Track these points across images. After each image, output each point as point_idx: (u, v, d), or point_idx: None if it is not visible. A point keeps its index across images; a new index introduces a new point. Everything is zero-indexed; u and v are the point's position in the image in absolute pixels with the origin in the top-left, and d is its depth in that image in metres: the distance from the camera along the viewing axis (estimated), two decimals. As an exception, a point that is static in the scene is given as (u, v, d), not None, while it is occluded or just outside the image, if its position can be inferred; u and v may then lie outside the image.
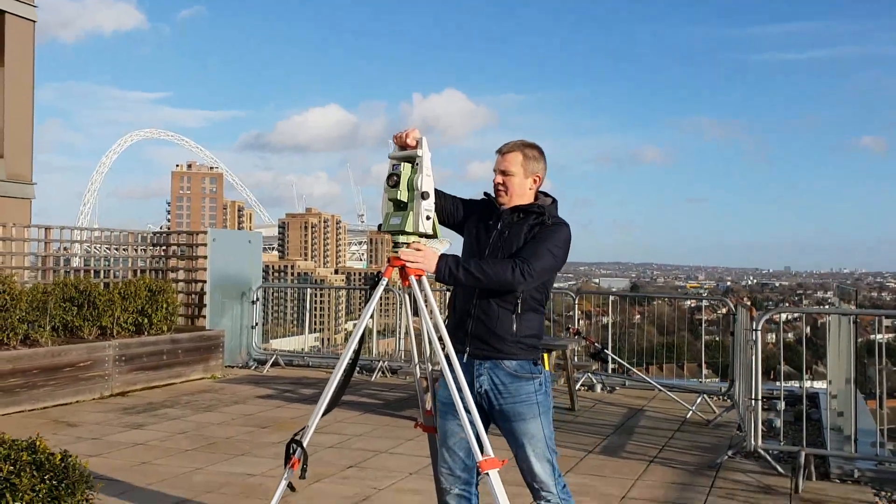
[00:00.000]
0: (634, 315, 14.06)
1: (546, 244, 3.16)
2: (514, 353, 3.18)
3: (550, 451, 3.21)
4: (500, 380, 3.18)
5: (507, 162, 3.26)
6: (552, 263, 3.17)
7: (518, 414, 3.17)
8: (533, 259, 3.10)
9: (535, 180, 3.31)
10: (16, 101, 13.39)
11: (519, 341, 3.18)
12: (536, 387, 3.19)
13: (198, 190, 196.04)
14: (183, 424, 7.12)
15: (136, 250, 11.03)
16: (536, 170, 3.30)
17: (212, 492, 5.06)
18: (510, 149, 3.28)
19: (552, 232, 3.20)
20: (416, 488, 5.19)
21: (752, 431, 5.96)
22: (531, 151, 3.29)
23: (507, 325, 3.17)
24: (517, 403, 3.17)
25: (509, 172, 3.26)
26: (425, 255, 3.06)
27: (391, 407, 8.12)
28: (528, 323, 3.21)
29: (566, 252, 3.24)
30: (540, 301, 3.27)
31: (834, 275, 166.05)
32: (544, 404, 3.21)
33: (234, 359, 11.01)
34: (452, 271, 3.06)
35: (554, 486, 3.21)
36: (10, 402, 7.42)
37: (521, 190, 3.27)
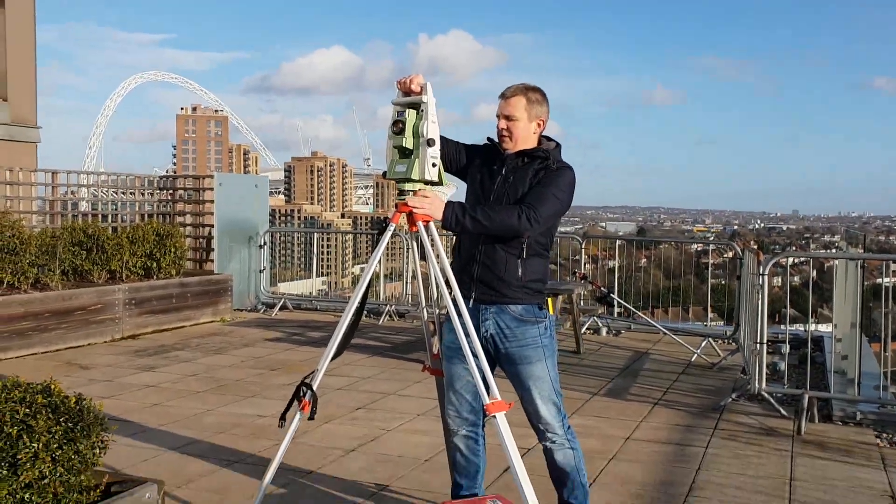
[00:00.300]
0: (640, 259, 14.09)
1: (551, 189, 3.14)
2: (520, 297, 3.20)
3: (556, 393, 3.25)
4: (506, 324, 3.20)
5: (510, 107, 3.22)
6: (558, 208, 3.17)
7: (524, 357, 3.20)
8: (539, 204, 3.09)
9: (538, 124, 3.27)
10: (18, 43, 13.22)
11: (524, 286, 3.20)
12: (542, 331, 3.22)
13: (203, 133, 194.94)
14: (193, 367, 7.22)
15: (143, 194, 11.04)
16: (540, 113, 3.26)
17: (223, 432, 5.16)
18: (513, 93, 3.23)
19: (557, 176, 3.18)
20: (424, 429, 5.28)
21: (756, 375, 6.01)
22: (534, 95, 3.24)
23: (513, 269, 3.19)
24: (523, 347, 3.20)
25: (513, 117, 3.22)
26: (432, 202, 3.05)
27: (398, 350, 8.20)
28: (533, 268, 3.22)
29: (571, 196, 3.23)
30: (545, 245, 3.28)
31: (842, 218, 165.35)
32: (549, 347, 3.24)
33: (243, 302, 11.11)
34: (459, 218, 3.06)
35: (559, 427, 3.26)
36: (24, 344, 7.53)
37: (525, 134, 3.24)
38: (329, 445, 4.88)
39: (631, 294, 10.60)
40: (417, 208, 3.03)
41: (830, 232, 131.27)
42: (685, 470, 4.57)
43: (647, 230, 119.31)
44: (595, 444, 4.99)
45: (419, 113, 3.02)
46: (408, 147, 3.02)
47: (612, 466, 4.61)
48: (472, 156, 3.37)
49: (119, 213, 10.70)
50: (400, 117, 3.01)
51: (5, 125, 12.91)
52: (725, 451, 4.95)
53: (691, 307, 18.01)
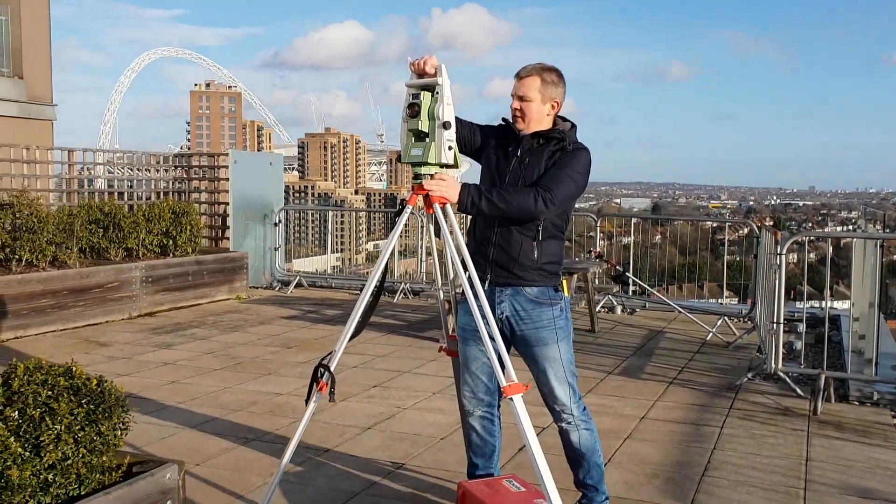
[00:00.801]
0: (655, 235, 14.02)
1: (567, 170, 3.12)
2: (535, 279, 3.20)
3: (571, 374, 3.26)
4: (522, 306, 3.21)
5: (524, 87, 3.18)
6: (573, 190, 3.15)
7: (540, 339, 3.20)
8: (555, 187, 3.08)
9: (553, 105, 3.23)
10: (33, 22, 13.24)
11: (540, 268, 3.20)
12: (557, 312, 3.22)
13: (217, 110, 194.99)
14: (210, 344, 7.28)
15: (158, 172, 11.07)
16: (555, 95, 3.22)
17: (240, 410, 5.21)
18: (528, 73, 3.19)
19: (573, 157, 3.15)
20: (440, 407, 5.31)
21: (772, 354, 5.99)
22: (549, 76, 3.20)
23: (529, 252, 3.18)
24: (539, 329, 3.20)
25: (527, 98, 3.19)
26: (449, 185, 3.03)
27: (413, 328, 8.23)
28: (548, 249, 3.21)
29: (587, 177, 3.21)
30: (560, 227, 3.27)
31: (859, 194, 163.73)
32: (565, 329, 3.24)
33: (258, 280, 11.16)
34: (475, 201, 3.05)
35: (575, 408, 3.27)
36: (43, 321, 7.61)
37: (538, 115, 3.21)
38: (345, 423, 4.92)
39: (645, 271, 10.57)
40: (434, 191, 3.02)
41: (847, 208, 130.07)
42: (700, 450, 4.58)
43: (661, 206, 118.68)
44: (610, 423, 5.01)
45: (434, 95, 2.99)
46: (423, 130, 2.99)
47: (627, 446, 4.62)
48: (486, 137, 3.34)
49: (135, 190, 10.75)
50: (415, 100, 2.98)
51: (21, 103, 12.98)
52: (741, 430, 4.95)
53: (706, 283, 17.92)
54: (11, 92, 12.86)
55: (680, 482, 4.08)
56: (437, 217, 3.05)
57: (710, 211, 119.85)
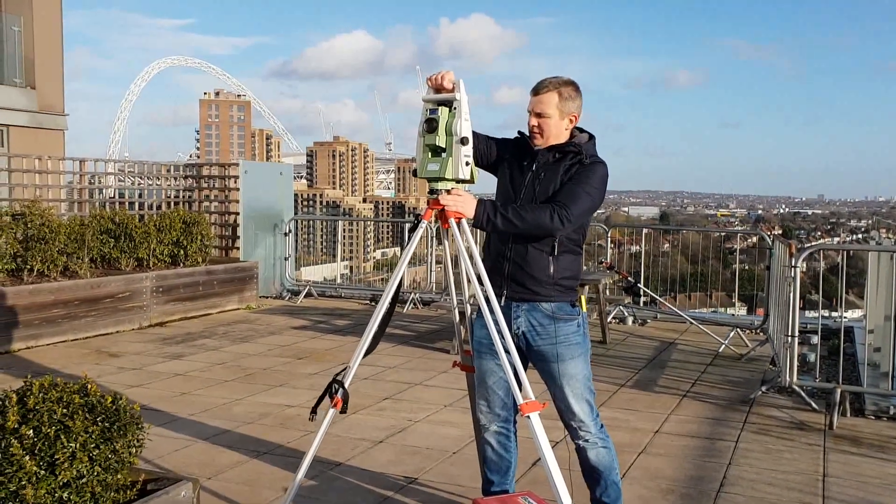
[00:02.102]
0: (664, 244, 13.96)
1: (583, 185, 3.08)
2: (552, 294, 3.16)
3: (588, 390, 3.22)
4: (538, 321, 3.17)
5: (542, 104, 3.15)
6: (590, 205, 3.12)
7: (556, 355, 3.17)
8: (570, 203, 3.04)
9: (571, 120, 3.20)
10: (46, 32, 13.33)
11: (556, 283, 3.16)
12: (574, 328, 3.19)
13: (226, 118, 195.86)
14: (221, 355, 7.27)
15: (169, 182, 11.10)
16: (572, 109, 3.18)
17: (251, 423, 5.19)
18: (545, 89, 3.15)
19: (589, 172, 3.11)
20: (451, 420, 5.28)
21: (787, 367, 5.94)
22: (567, 90, 3.15)
23: (544, 267, 3.15)
24: (556, 345, 3.17)
25: (544, 114, 3.15)
26: (465, 201, 3.01)
27: (424, 339, 8.20)
28: (565, 264, 3.18)
29: (603, 191, 3.17)
30: (577, 242, 3.23)
31: (868, 203, 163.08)
32: (582, 345, 3.21)
33: (268, 289, 11.16)
34: (490, 217, 3.02)
35: (593, 425, 3.24)
36: (54, 332, 7.62)
37: (556, 131, 3.18)
38: (357, 436, 4.90)
39: (654, 280, 10.52)
40: (451, 206, 3.00)
41: (857, 217, 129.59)
42: (715, 464, 4.53)
43: (669, 214, 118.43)
44: (624, 437, 4.96)
45: (452, 111, 2.97)
46: (440, 146, 2.98)
47: (641, 460, 4.58)
48: (502, 150, 3.31)
49: (145, 200, 10.77)
50: (433, 115, 2.96)
51: (33, 113, 13.04)
52: (756, 445, 4.90)
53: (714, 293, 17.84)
54: (23, 102, 12.94)
55: (695, 498, 4.04)
56: (452, 232, 3.02)
57: (718, 219, 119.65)
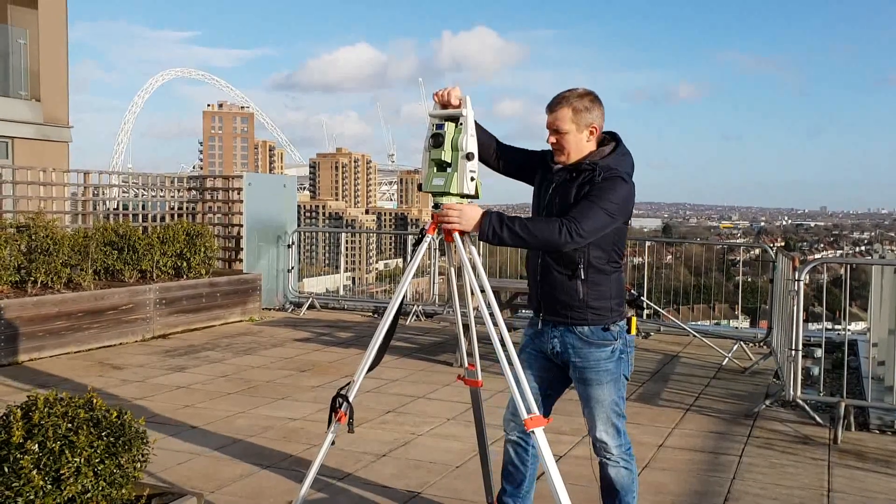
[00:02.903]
0: (666, 256, 13.95)
1: (598, 202, 2.96)
2: (585, 318, 3.08)
3: (616, 415, 3.16)
4: (571, 343, 3.12)
5: (557, 121, 3.07)
6: (605, 222, 2.97)
7: (585, 379, 3.12)
8: (582, 218, 2.93)
9: (591, 132, 3.09)
10: (50, 44, 13.40)
11: (589, 306, 3.06)
12: (607, 354, 3.09)
13: (229, 130, 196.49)
14: (224, 367, 7.27)
15: (172, 194, 11.13)
16: (591, 120, 3.07)
17: (254, 436, 5.18)
18: (558, 104, 3.07)
19: (605, 188, 2.98)
20: (455, 434, 5.27)
21: (790, 381, 5.92)
22: (581, 102, 3.05)
23: (572, 291, 3.06)
24: (586, 369, 3.11)
25: (561, 130, 3.07)
26: (462, 215, 2.97)
27: (426, 351, 8.20)
28: (597, 287, 3.06)
29: (624, 208, 3.03)
30: (609, 262, 3.09)
31: (871, 215, 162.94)
32: (613, 372, 3.11)
33: (271, 301, 11.17)
34: (496, 230, 2.94)
35: (616, 447, 3.18)
36: (58, 343, 7.62)
37: (578, 145, 3.08)
38: (360, 450, 4.89)
39: (657, 292, 10.51)
40: (446, 222, 2.99)
41: (860, 229, 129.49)
42: (720, 479, 4.52)
43: (672, 226, 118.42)
44: (627, 451, 4.94)
45: (458, 126, 2.99)
46: (446, 160, 2.99)
47: (645, 475, 4.56)
48: (535, 164, 3.26)
49: (149, 212, 10.80)
50: (439, 130, 2.98)
51: (38, 125, 13.10)
52: (760, 459, 4.89)
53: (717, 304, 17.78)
54: (28, 114, 13.00)
55: (700, 513, 4.02)
56: (457, 246, 3.03)
57: (721, 231, 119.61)
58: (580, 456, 4.79)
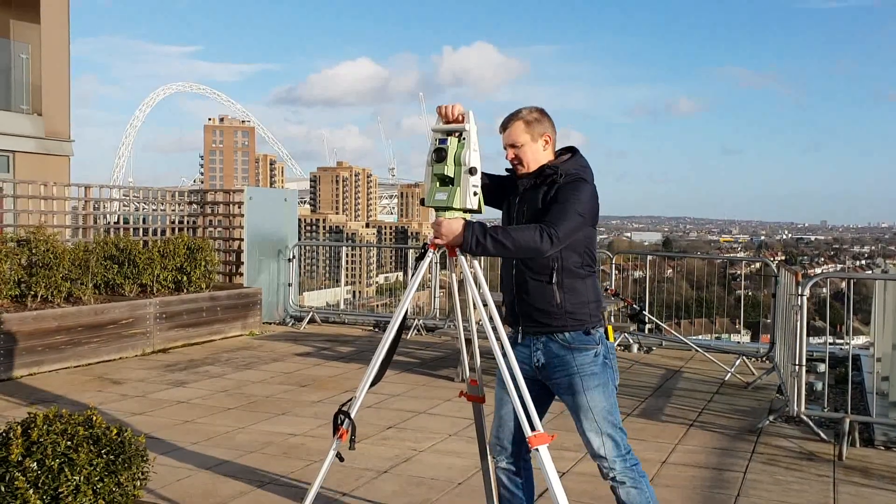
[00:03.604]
0: (667, 270, 13.95)
1: (568, 204, 2.99)
2: (565, 324, 3.09)
3: (609, 424, 3.09)
4: (554, 352, 3.11)
5: (512, 135, 3.15)
6: (578, 222, 3.00)
7: (570, 386, 3.09)
8: (557, 221, 2.95)
9: (546, 140, 3.16)
10: (53, 59, 13.44)
11: (567, 312, 3.08)
12: (589, 358, 3.09)
13: (230, 143, 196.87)
14: (224, 382, 7.23)
15: (173, 208, 11.12)
16: (542, 129, 3.15)
17: (254, 452, 5.14)
18: (509, 121, 3.17)
19: (572, 190, 3.03)
20: (456, 450, 5.23)
21: (794, 397, 5.89)
22: (530, 115, 3.15)
23: (549, 297, 3.08)
24: (570, 376, 3.09)
25: (517, 143, 3.15)
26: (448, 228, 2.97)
27: (427, 366, 8.16)
28: (573, 291, 3.09)
29: (593, 208, 3.08)
30: (583, 266, 3.12)
31: (872, 229, 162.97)
32: (598, 376, 3.09)
33: (272, 315, 11.14)
34: (479, 240, 2.94)
35: (617, 462, 3.10)
36: (57, 358, 7.59)
37: (535, 156, 3.15)
38: (361, 466, 4.84)
39: (658, 306, 10.48)
40: (434, 237, 3.00)
41: (860, 243, 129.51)
42: (724, 496, 4.48)
43: (672, 240, 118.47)
44: (631, 467, 4.90)
45: (461, 141, 2.99)
46: (449, 175, 2.99)
47: (648, 492, 4.52)
48: (503, 185, 3.29)
49: (150, 226, 10.78)
50: (442, 145, 2.97)
51: (39, 139, 13.11)
52: (765, 476, 4.84)
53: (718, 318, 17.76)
54: (30, 128, 13.02)
55: (705, 531, 3.98)
56: (459, 261, 3.01)
57: (721, 245, 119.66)
58: (583, 472, 4.75)
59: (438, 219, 3.01)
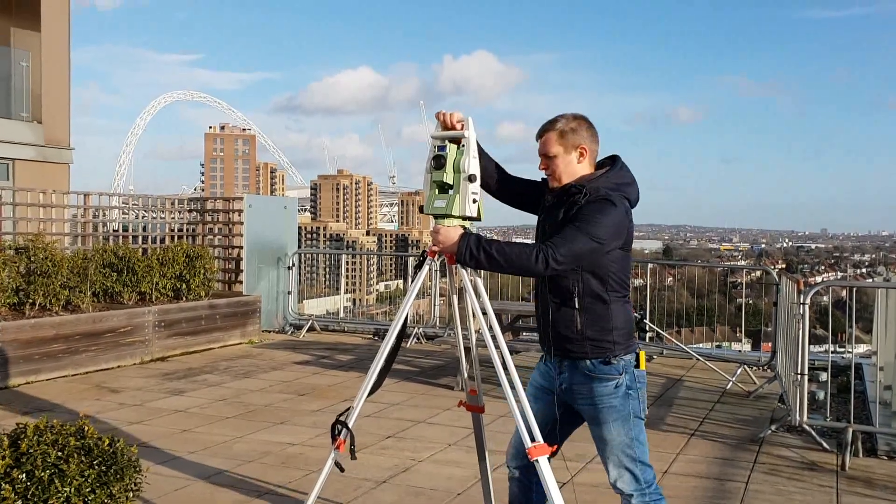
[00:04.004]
0: (667, 278, 13.89)
1: (580, 224, 2.83)
2: (585, 351, 2.94)
3: (629, 459, 2.95)
4: (576, 379, 2.99)
5: (545, 146, 3.00)
6: (587, 246, 2.82)
7: (591, 417, 2.98)
8: (560, 243, 2.81)
9: (581, 153, 2.98)
10: (53, 67, 13.44)
11: (587, 338, 2.93)
12: (611, 389, 2.92)
13: (231, 152, 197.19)
14: (222, 391, 7.18)
15: (173, 216, 11.09)
16: (577, 140, 2.98)
17: (252, 461, 5.09)
18: (544, 130, 3.02)
19: (590, 210, 2.85)
20: (456, 460, 5.18)
21: (796, 406, 5.84)
22: (566, 124, 2.99)
23: (567, 321, 2.94)
24: (590, 406, 2.96)
25: (549, 154, 2.99)
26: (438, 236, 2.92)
27: (427, 375, 8.11)
28: (595, 318, 2.92)
29: (616, 231, 2.87)
30: (608, 291, 2.93)
31: (872, 237, 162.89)
32: (620, 409, 2.92)
33: (271, 323, 11.10)
34: (473, 252, 2.86)
35: (635, 495, 2.97)
36: (55, 366, 7.54)
37: (568, 168, 2.98)
38: (359, 476, 4.80)
39: (658, 314, 10.44)
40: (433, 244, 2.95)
41: (860, 251, 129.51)
42: (726, 507, 4.43)
43: (673, 248, 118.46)
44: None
45: (460, 148, 2.96)
46: (448, 182, 2.96)
47: None
48: (535, 192, 3.21)
49: (149, 234, 10.76)
50: (441, 152, 2.94)
51: (39, 147, 13.10)
52: (767, 486, 4.79)
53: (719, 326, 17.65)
54: (30, 136, 13.01)
55: (707, 542, 3.93)
56: (459, 270, 2.98)
57: (722, 253, 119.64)
58: (584, 483, 4.70)
59: (437, 226, 2.97)
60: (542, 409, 3.06)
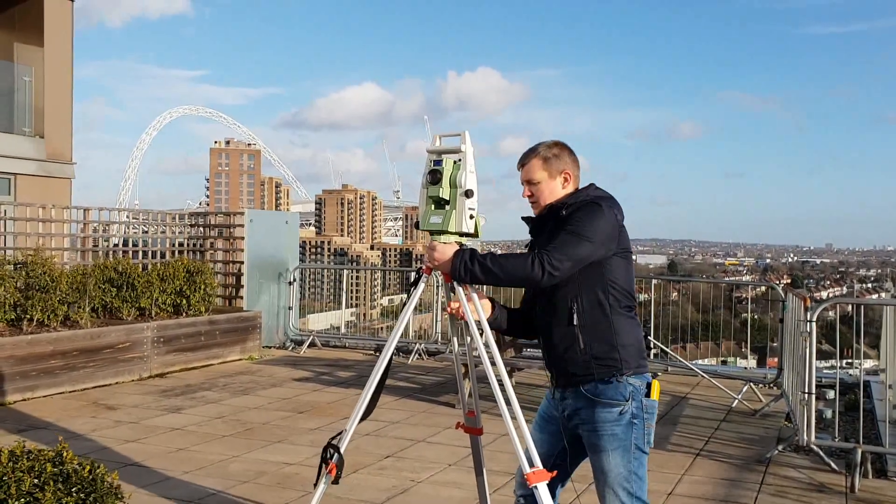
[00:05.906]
0: (671, 293, 13.76)
1: (571, 228, 2.74)
2: (590, 372, 2.79)
3: (625, 492, 2.80)
4: (579, 405, 2.85)
5: (529, 172, 2.95)
6: (585, 248, 2.72)
7: (591, 445, 2.83)
8: (556, 248, 2.71)
9: (566, 178, 2.94)
10: (56, 82, 13.44)
11: (593, 357, 2.78)
12: (615, 416, 2.77)
13: (236, 166, 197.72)
14: (220, 408, 7.08)
15: (174, 231, 11.03)
16: (561, 166, 2.93)
17: (247, 482, 4.99)
18: (527, 157, 2.97)
19: (579, 215, 2.78)
20: (456, 481, 5.07)
21: (804, 426, 5.72)
22: (549, 151, 2.95)
23: (569, 341, 2.80)
24: (591, 433, 2.82)
25: (534, 181, 2.94)
26: (434, 253, 2.84)
27: (428, 392, 8.00)
28: (598, 334, 2.79)
29: (609, 233, 2.77)
30: (609, 304, 2.80)
31: (877, 252, 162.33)
32: (622, 438, 2.77)
33: (272, 339, 11.00)
34: (468, 266, 2.77)
35: None
36: (51, 383, 7.46)
37: (552, 193, 2.94)
38: (357, 497, 4.69)
39: (663, 329, 10.32)
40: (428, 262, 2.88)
41: (866, 266, 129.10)
42: (733, 531, 4.31)
43: (677, 263, 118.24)
44: (635, 499, 4.73)
45: (457, 163, 2.88)
46: (444, 197, 2.88)
47: (654, 526, 4.36)
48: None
49: (150, 249, 10.69)
50: (437, 166, 2.86)
51: (41, 161, 13.08)
52: (774, 509, 4.67)
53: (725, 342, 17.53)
54: (31, 151, 12.99)
55: (713, 568, 3.81)
56: (457, 291, 2.90)
57: (726, 268, 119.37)
58: (586, 505, 4.58)
59: (432, 242, 2.88)
60: (547, 439, 2.96)
